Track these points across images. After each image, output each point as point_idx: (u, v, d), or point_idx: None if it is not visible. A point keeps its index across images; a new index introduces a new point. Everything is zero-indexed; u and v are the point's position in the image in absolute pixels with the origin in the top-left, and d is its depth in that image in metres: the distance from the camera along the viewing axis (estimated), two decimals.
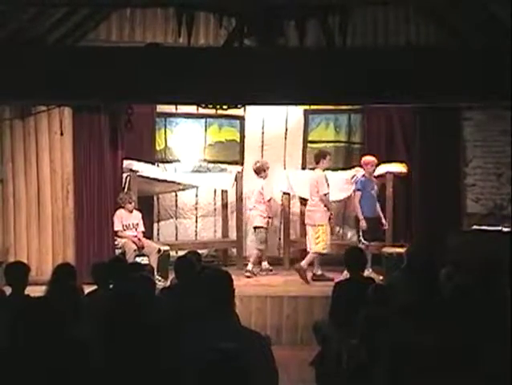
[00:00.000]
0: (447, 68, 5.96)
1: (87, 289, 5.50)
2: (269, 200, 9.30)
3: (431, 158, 8.86)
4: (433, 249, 7.06)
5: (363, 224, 8.64)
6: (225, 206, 10.13)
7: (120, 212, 8.67)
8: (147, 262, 8.44)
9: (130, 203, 8.66)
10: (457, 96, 6.27)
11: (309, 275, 8.66)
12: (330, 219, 8.68)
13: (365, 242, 8.59)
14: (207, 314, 3.43)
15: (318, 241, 8.60)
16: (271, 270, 9.32)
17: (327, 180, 8.72)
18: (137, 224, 8.75)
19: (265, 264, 9.35)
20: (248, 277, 8.91)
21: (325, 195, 8.62)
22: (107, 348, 2.71)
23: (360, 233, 8.78)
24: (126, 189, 8.98)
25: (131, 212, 8.71)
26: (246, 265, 9.12)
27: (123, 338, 2.71)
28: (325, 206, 8.62)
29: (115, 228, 8.64)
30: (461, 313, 3.91)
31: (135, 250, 8.46)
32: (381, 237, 8.96)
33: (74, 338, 2.82)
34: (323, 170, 8.77)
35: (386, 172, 9.33)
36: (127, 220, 8.69)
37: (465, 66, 5.93)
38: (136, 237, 8.63)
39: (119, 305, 2.82)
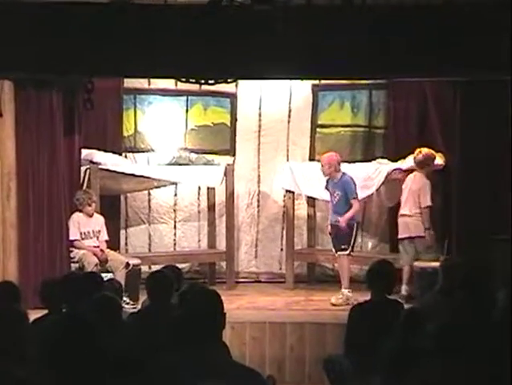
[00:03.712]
0: (497, 31, 5.95)
1: (35, 315, 5.47)
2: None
3: (475, 146, 8.84)
4: (477, 261, 7.05)
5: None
6: (211, 208, 10.15)
7: (77, 217, 8.67)
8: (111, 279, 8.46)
9: (90, 205, 8.66)
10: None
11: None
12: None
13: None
14: (187, 345, 3.41)
15: None
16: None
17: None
18: (99, 232, 8.78)
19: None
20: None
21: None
22: None
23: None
24: (85, 187, 8.99)
25: (91, 216, 8.71)
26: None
27: (78, 377, 2.70)
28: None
29: (71, 237, 8.63)
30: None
31: (96, 265, 8.46)
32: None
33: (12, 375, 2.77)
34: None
35: None
36: (86, 227, 8.70)
37: None
38: (97, 247, 8.66)
39: (72, 335, 2.80)
